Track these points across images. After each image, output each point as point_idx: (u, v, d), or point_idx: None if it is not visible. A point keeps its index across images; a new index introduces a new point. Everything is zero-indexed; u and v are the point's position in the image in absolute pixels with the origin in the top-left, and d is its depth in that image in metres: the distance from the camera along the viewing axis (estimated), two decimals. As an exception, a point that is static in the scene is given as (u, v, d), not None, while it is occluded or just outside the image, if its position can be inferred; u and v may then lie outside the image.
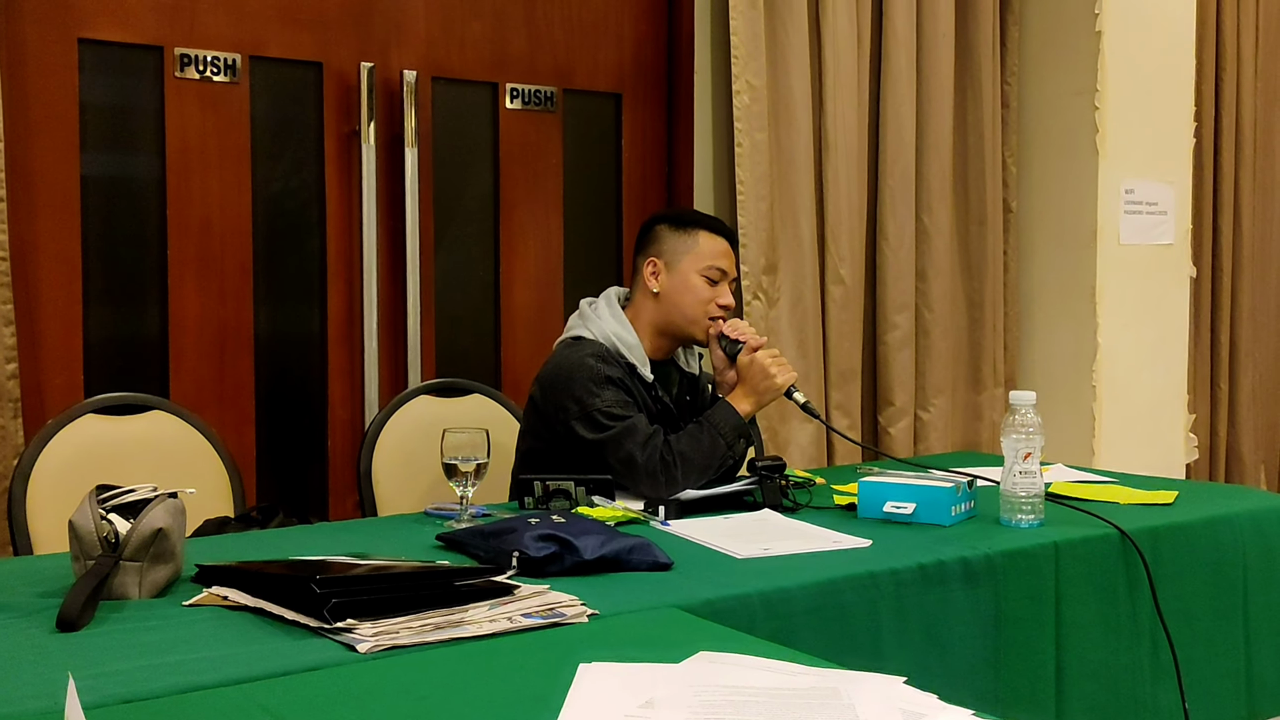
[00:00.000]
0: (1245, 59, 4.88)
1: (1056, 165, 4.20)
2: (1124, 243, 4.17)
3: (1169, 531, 2.22)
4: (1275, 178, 5.06)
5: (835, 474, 2.73)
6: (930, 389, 4.01)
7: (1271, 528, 2.39)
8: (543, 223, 3.53)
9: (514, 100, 3.48)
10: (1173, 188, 4.29)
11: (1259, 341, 5.04)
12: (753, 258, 3.59)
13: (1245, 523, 2.35)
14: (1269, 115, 5.01)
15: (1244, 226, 4.93)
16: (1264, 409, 5.10)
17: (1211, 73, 4.79)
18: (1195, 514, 2.32)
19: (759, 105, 3.58)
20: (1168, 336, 4.33)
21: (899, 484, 2.20)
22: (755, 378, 2.49)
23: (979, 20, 4.04)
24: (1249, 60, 4.90)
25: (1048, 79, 4.21)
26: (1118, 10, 4.06)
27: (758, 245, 3.60)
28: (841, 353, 3.81)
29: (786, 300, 3.67)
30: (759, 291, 3.61)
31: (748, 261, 3.58)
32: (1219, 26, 4.80)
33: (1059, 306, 4.21)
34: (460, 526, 2.09)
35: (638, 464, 2.38)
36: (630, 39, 3.65)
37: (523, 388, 3.12)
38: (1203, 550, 2.27)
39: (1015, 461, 2.14)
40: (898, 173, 3.90)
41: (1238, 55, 4.85)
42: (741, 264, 3.57)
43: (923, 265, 4.00)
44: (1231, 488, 4.27)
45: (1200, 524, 2.29)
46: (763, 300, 3.62)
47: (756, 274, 3.60)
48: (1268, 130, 5.01)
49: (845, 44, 3.73)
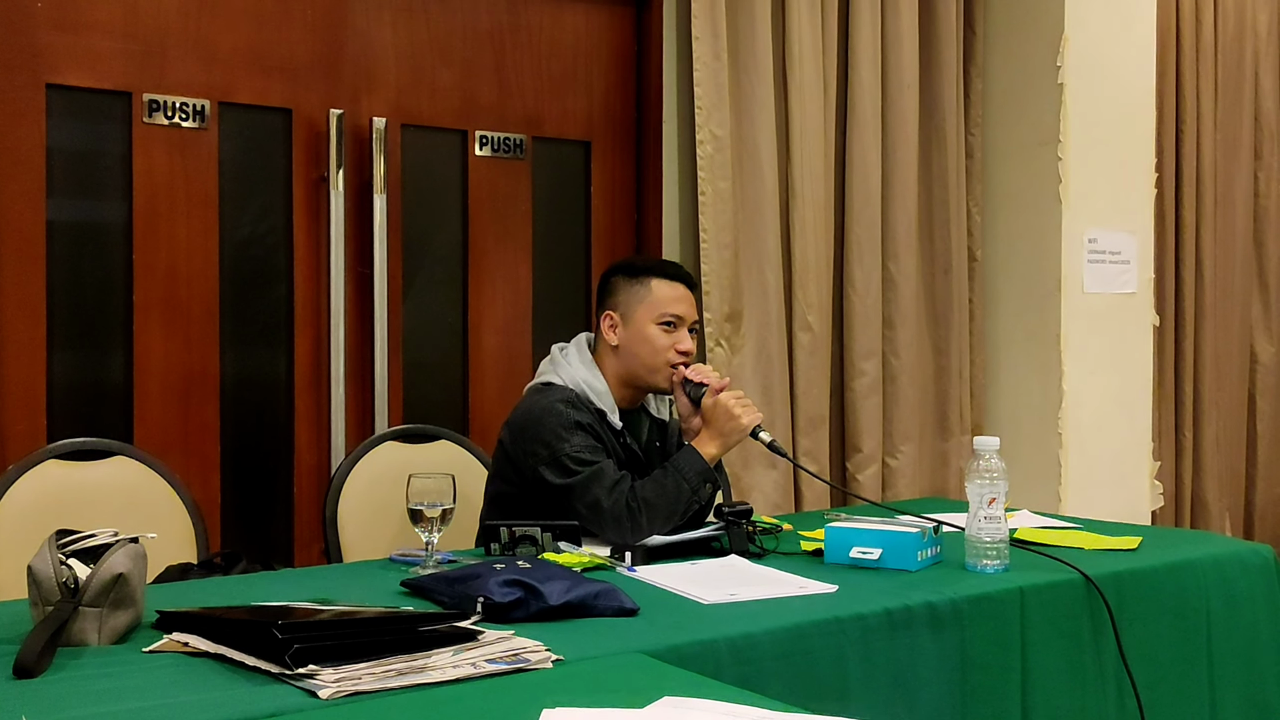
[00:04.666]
0: (1205, 111, 4.97)
1: (1020, 214, 4.25)
2: (1088, 291, 4.21)
3: (1133, 577, 2.23)
4: (1235, 228, 5.13)
5: (802, 520, 2.73)
6: (898, 436, 4.03)
7: (1234, 573, 2.40)
8: (511, 269, 3.54)
9: (483, 147, 3.49)
10: (1135, 237, 4.35)
11: (1222, 390, 5.09)
12: (715, 305, 3.61)
13: (1209, 568, 2.36)
14: (1228, 167, 5.10)
15: (1205, 276, 4.99)
16: (1227, 457, 5.14)
17: (1172, 124, 4.87)
18: (1159, 559, 2.33)
19: (722, 155, 3.61)
20: (1132, 384, 4.37)
21: (865, 529, 2.21)
22: (720, 420, 2.49)
23: (943, 71, 4.10)
24: (1208, 112, 4.98)
25: (1011, 130, 4.27)
26: (1079, 63, 4.13)
27: (720, 292, 3.62)
28: (810, 399, 3.82)
29: (751, 348, 3.69)
30: (721, 339, 3.63)
31: (710, 309, 3.60)
32: (1179, 79, 4.89)
33: (1024, 354, 4.25)
34: (425, 572, 2.07)
35: (604, 509, 2.38)
36: (599, 88, 3.68)
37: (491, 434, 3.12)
38: (1167, 596, 2.28)
39: (980, 507, 2.15)
40: (864, 221, 3.94)
41: (1197, 107, 4.94)
42: (706, 311, 3.59)
43: (889, 313, 4.03)
44: (1195, 533, 4.30)
45: (1164, 569, 2.30)
46: (725, 347, 3.64)
47: (719, 321, 3.62)
48: (1227, 181, 5.10)
49: (811, 94, 3.77)
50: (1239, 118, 5.13)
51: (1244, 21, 5.13)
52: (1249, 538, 5.25)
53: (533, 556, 2.13)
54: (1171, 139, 4.87)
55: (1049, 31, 4.14)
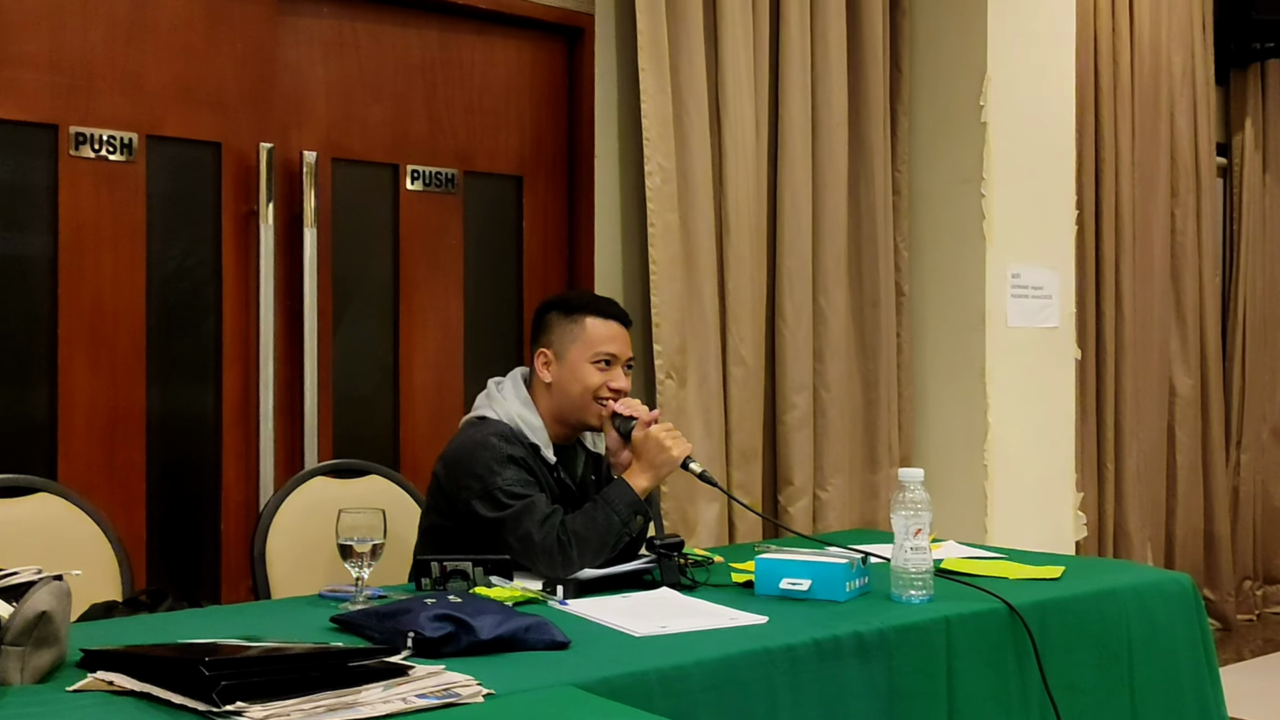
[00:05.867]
0: (1123, 150, 5.11)
1: (946, 250, 4.33)
2: (1011, 325, 4.29)
3: (1056, 606, 2.28)
4: (1153, 264, 5.27)
5: (734, 552, 2.75)
6: (828, 468, 4.07)
7: (1154, 601, 2.46)
8: (443, 303, 3.54)
9: (415, 181, 3.50)
10: (1056, 273, 4.44)
11: (1142, 422, 5.21)
12: (666, 337, 3.64)
13: (1129, 596, 2.41)
14: (1146, 204, 5.24)
15: (1125, 310, 5.12)
16: (1148, 487, 5.26)
17: (1091, 163, 5.00)
18: (1081, 588, 2.38)
19: (670, 187, 3.65)
20: (1055, 416, 4.45)
21: (795, 561, 2.23)
22: (651, 452, 2.50)
23: (871, 109, 4.18)
24: (1126, 151, 5.12)
25: (937, 167, 4.35)
26: (1001, 103, 4.23)
27: (671, 325, 3.64)
28: (743, 432, 3.85)
29: (694, 380, 3.72)
30: (672, 371, 3.65)
31: (662, 341, 3.63)
32: (1098, 119, 5.02)
33: (951, 387, 4.31)
34: (355, 608, 2.06)
35: (535, 543, 2.38)
36: (531, 123, 3.70)
37: (422, 468, 3.11)
38: (1089, 624, 2.33)
39: (906, 538, 2.18)
40: (795, 255, 3.99)
41: (1116, 146, 5.07)
42: (656, 344, 3.62)
43: (820, 346, 4.08)
44: (1116, 562, 4.38)
45: (1086, 598, 2.35)
46: (675, 380, 3.66)
47: (670, 353, 3.64)
48: (1145, 219, 5.24)
49: (744, 130, 3.82)
50: (1156, 157, 5.28)
51: (1159, 63, 5.29)
52: (1169, 567, 5.36)
53: (464, 591, 2.13)
54: (1091, 177, 5.00)
55: (972, 72, 4.23)
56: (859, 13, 4.15)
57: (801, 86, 3.99)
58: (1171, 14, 5.35)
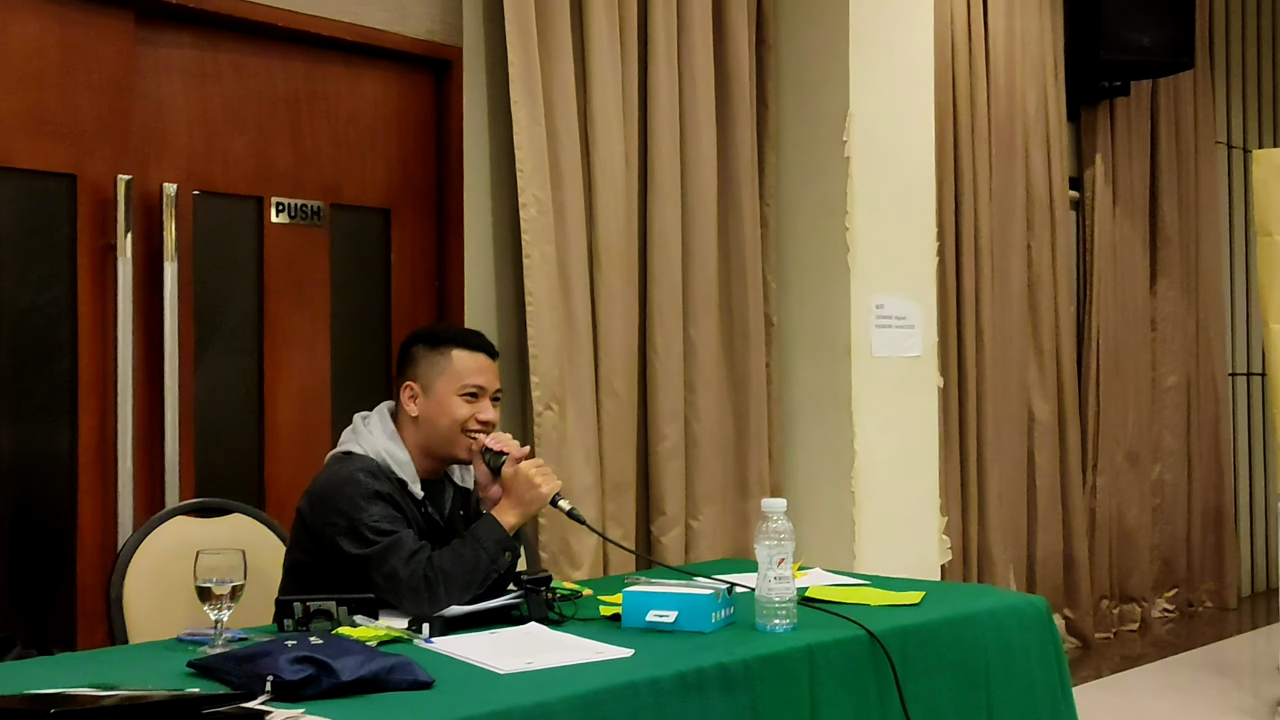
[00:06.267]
0: (981, 184, 5.28)
1: (812, 281, 4.41)
2: (876, 355, 4.39)
3: (915, 631, 2.33)
4: (1011, 294, 5.45)
5: (603, 584, 2.76)
6: (700, 498, 4.11)
7: (1011, 625, 2.53)
8: (309, 338, 3.49)
9: (280, 214, 3.45)
10: (919, 303, 4.56)
11: (1002, 447, 5.37)
12: (546, 368, 3.64)
13: (986, 620, 2.48)
14: (1003, 235, 5.42)
15: (985, 339, 5.28)
16: (1010, 511, 5.41)
17: (951, 197, 5.15)
18: (940, 613, 2.44)
19: (545, 219, 3.67)
20: (919, 443, 4.56)
21: (661, 593, 2.25)
22: (520, 489, 2.50)
23: (738, 143, 4.25)
24: (984, 185, 5.30)
25: (803, 201, 4.44)
26: (864, 139, 4.33)
27: (551, 356, 3.65)
28: (616, 464, 3.87)
29: (573, 411, 3.73)
30: (553, 402, 3.65)
31: (541, 372, 3.63)
32: (956, 154, 5.19)
33: (818, 416, 4.39)
34: (214, 652, 2.01)
35: (401, 580, 2.36)
36: (398, 155, 3.68)
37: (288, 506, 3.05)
38: (947, 648, 2.39)
39: (769, 567, 2.22)
40: (665, 287, 4.03)
41: (974, 181, 5.24)
42: (534, 375, 3.62)
43: (691, 377, 4.12)
44: (975, 587, 4.49)
45: (944, 623, 2.40)
46: (555, 411, 3.66)
47: (550, 385, 3.65)
48: (1003, 250, 5.41)
49: (614, 162, 3.86)
50: (1012, 191, 5.46)
51: (1014, 102, 5.49)
52: (1031, 588, 5.53)
53: (326, 631, 2.10)
54: (951, 210, 5.16)
55: (835, 108, 4.33)
56: (726, 49, 4.23)
57: (670, 120, 4.04)
58: (1025, 55, 5.55)
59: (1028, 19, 5.59)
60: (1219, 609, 6.69)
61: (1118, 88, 5.98)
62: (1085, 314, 5.98)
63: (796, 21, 4.43)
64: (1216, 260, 6.73)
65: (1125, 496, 6.11)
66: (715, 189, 4.19)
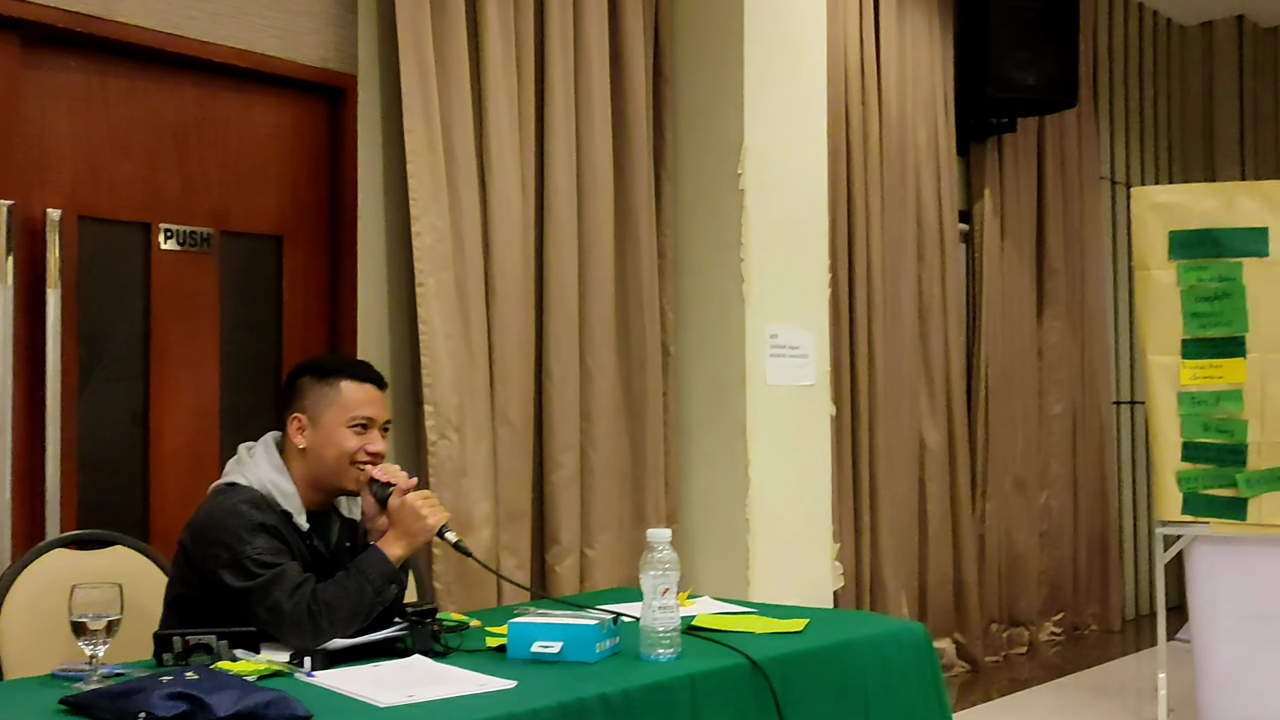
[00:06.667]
0: (873, 216, 5.40)
1: (709, 311, 4.47)
2: (771, 384, 4.45)
3: (797, 658, 2.37)
4: (902, 323, 5.56)
5: (492, 615, 2.76)
6: (595, 526, 4.12)
7: (891, 651, 2.58)
8: (197, 366, 3.45)
9: (168, 240, 3.41)
10: (812, 333, 4.64)
11: (894, 474, 5.47)
12: (441, 397, 3.63)
13: (866, 647, 2.53)
14: (895, 267, 5.53)
15: (877, 368, 5.38)
16: (902, 538, 5.51)
17: (844, 228, 5.26)
18: (822, 640, 2.48)
19: (443, 246, 3.66)
20: (813, 471, 4.62)
21: (546, 624, 2.26)
22: (407, 520, 2.50)
23: (636, 174, 4.29)
24: (876, 217, 5.41)
25: (699, 232, 4.49)
26: (758, 171, 4.41)
27: (448, 383, 3.64)
28: (510, 493, 3.87)
29: (469, 440, 3.72)
30: (448, 431, 3.64)
31: (435, 401, 3.62)
32: (849, 187, 5.30)
33: (714, 444, 4.44)
34: (88, 688, 1.98)
35: (284, 613, 2.34)
36: (291, 182, 3.66)
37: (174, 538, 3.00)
38: (829, 675, 2.43)
39: (654, 597, 2.24)
40: (562, 316, 4.05)
41: (866, 213, 5.36)
42: (428, 404, 3.61)
43: (587, 406, 4.14)
44: (858, 614, 4.57)
45: (826, 650, 2.45)
46: (450, 440, 3.65)
47: (446, 413, 3.63)
48: (895, 281, 5.53)
49: (510, 190, 3.87)
50: (903, 223, 5.59)
51: (906, 136, 5.62)
52: (923, 612, 5.62)
53: (204, 666, 2.07)
54: (844, 242, 5.26)
55: (730, 141, 4.40)
56: (623, 81, 4.28)
57: (567, 150, 4.07)
58: (916, 90, 5.69)
59: (918, 56, 5.73)
60: (1104, 632, 6.87)
61: (1005, 124, 6.16)
62: (974, 343, 6.13)
63: (693, 55, 4.50)
64: (1100, 292, 6.95)
65: (1013, 522, 6.25)
66: (612, 219, 4.23)
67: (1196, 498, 4.46)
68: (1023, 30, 5.86)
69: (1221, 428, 4.41)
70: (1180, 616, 4.49)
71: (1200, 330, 4.42)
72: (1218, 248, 4.41)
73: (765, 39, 4.44)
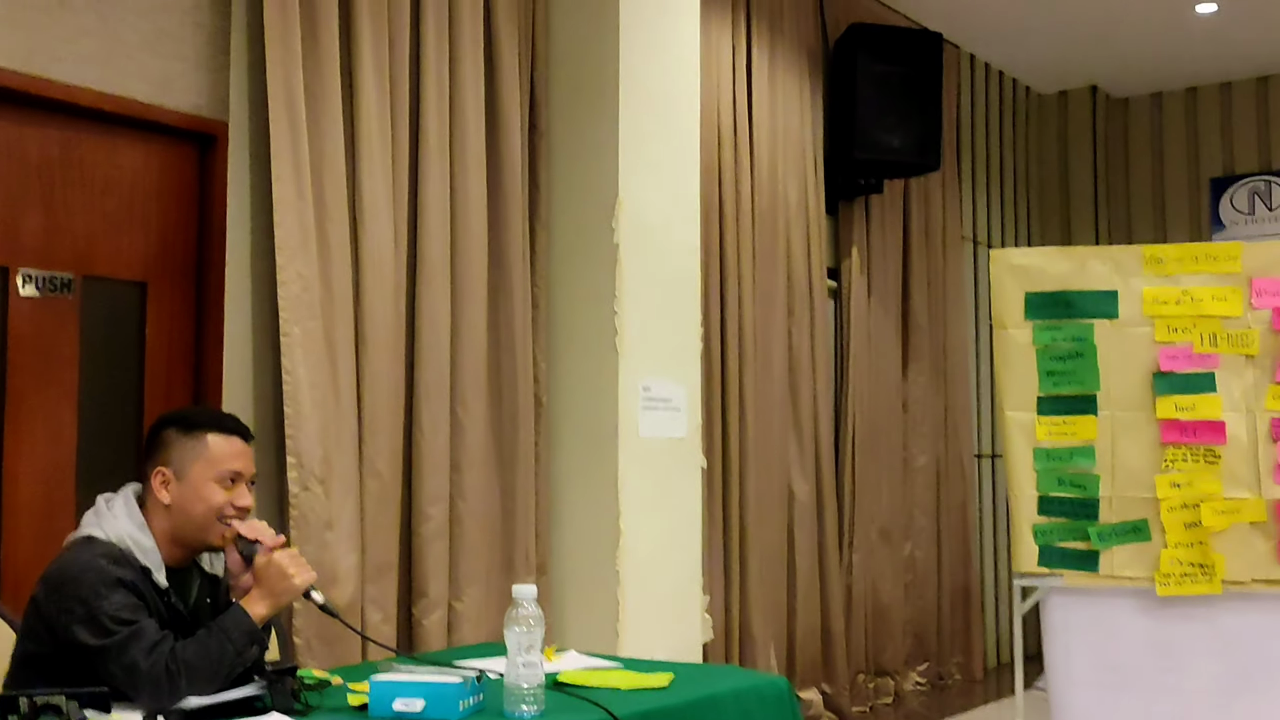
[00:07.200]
0: (745, 272, 5.50)
1: (582, 363, 4.50)
2: (643, 436, 4.49)
3: (660, 714, 2.38)
4: (773, 377, 5.66)
5: (354, 672, 2.72)
6: (464, 579, 4.10)
7: (753, 705, 2.61)
8: (55, 415, 3.35)
9: (26, 285, 3.32)
10: (684, 386, 4.69)
11: (764, 526, 5.54)
12: (305, 448, 3.58)
13: (730, 702, 2.56)
14: (766, 320, 5.64)
15: (748, 420, 5.46)
16: (770, 590, 5.57)
17: (717, 283, 5.35)
18: (685, 695, 2.50)
19: (310, 295, 3.63)
20: (683, 523, 4.66)
21: (409, 681, 2.24)
22: (272, 579, 2.45)
23: (509, 225, 4.31)
24: (748, 273, 5.52)
25: (573, 284, 4.53)
26: (632, 225, 4.46)
27: (313, 434, 3.60)
28: (378, 546, 3.83)
29: (336, 492, 3.67)
30: (314, 483, 3.59)
31: (299, 453, 3.56)
32: (722, 243, 5.40)
33: (586, 496, 4.45)
34: (-74, 754, 1.91)
35: (141, 672, 2.28)
36: (158, 228, 3.60)
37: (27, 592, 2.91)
38: (693, 730, 2.46)
39: (519, 653, 2.24)
40: (433, 367, 4.04)
41: (738, 268, 5.46)
42: (293, 455, 3.56)
43: (458, 457, 4.13)
44: (723, 668, 4.61)
45: (689, 705, 2.47)
46: (316, 492, 3.60)
47: (310, 465, 3.58)
48: (766, 335, 5.63)
49: (382, 240, 3.87)
50: (774, 278, 5.71)
51: (777, 195, 5.76)
52: (791, 664, 5.69)
53: (51, 729, 2.01)
54: (717, 296, 5.35)
55: (605, 194, 4.45)
56: (498, 132, 4.31)
57: (441, 200, 4.08)
58: (787, 150, 5.84)
59: (790, 118, 5.89)
60: (967, 681, 7.02)
61: (873, 184, 6.35)
62: (842, 397, 6.26)
63: (568, 109, 4.55)
64: (963, 348, 7.17)
65: (879, 573, 6.37)
66: (486, 269, 4.24)
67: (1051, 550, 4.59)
68: (889, 95, 6.06)
69: (1075, 482, 4.56)
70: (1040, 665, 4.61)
71: (1054, 388, 4.58)
72: (1071, 309, 4.57)
73: (640, 95, 4.52)
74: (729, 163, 5.48)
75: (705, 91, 5.15)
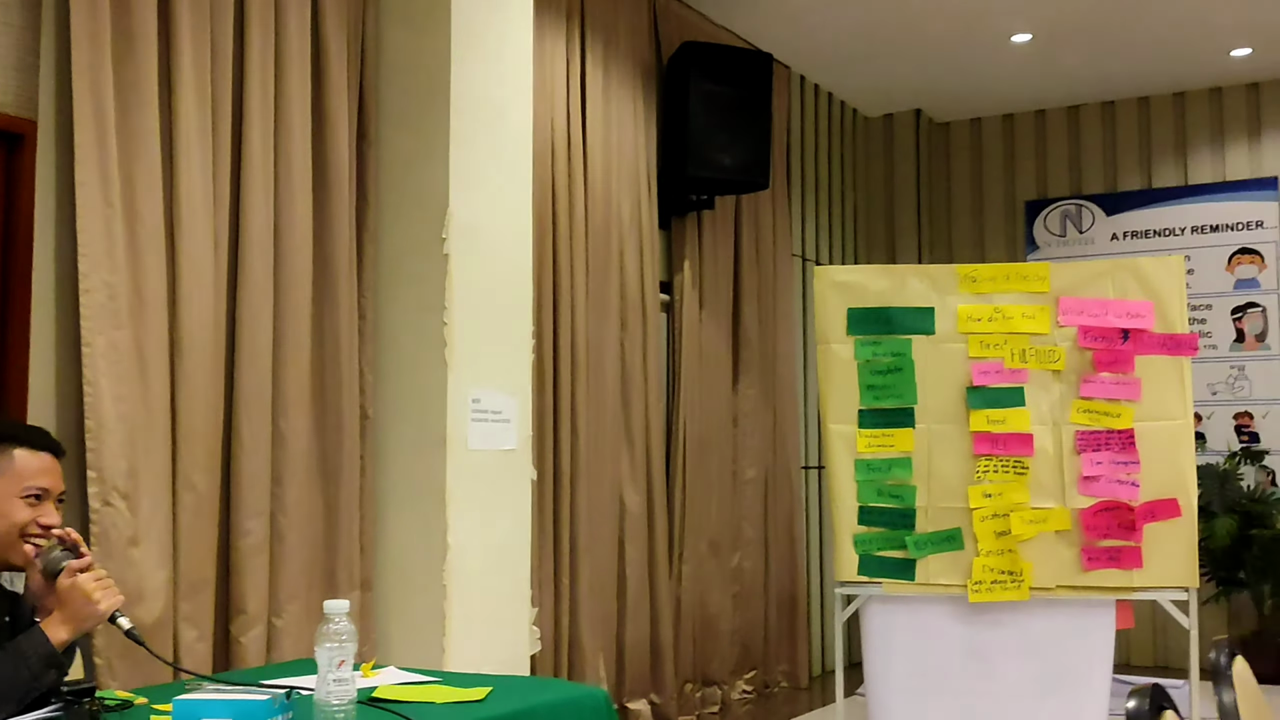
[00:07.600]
0: (578, 285, 5.52)
1: (410, 375, 4.45)
2: (472, 448, 4.46)
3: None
4: (605, 389, 5.70)
5: (160, 692, 2.64)
6: (284, 595, 4.00)
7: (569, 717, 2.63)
8: None
9: None
10: (515, 398, 4.68)
11: (595, 538, 5.56)
12: (109, 461, 3.45)
13: (546, 714, 2.57)
14: (599, 333, 5.67)
15: (580, 432, 5.48)
16: (600, 601, 5.60)
17: (550, 296, 5.36)
18: (502, 709, 2.50)
19: (117, 303, 3.51)
20: (512, 535, 4.64)
21: (214, 700, 2.18)
22: (76, 603, 2.35)
23: (336, 234, 4.24)
24: (581, 286, 5.54)
25: (401, 295, 4.48)
26: (463, 236, 4.43)
27: (116, 448, 3.47)
28: (193, 561, 3.72)
29: (144, 506, 3.55)
30: (116, 497, 3.46)
31: (103, 467, 3.44)
32: (555, 256, 5.41)
33: (412, 509, 4.40)
34: None
35: (-73, 696, 2.17)
36: (-42, 232, 3.44)
37: None
38: (510, 743, 2.45)
39: (330, 670, 2.21)
40: (253, 378, 3.94)
41: (571, 281, 5.48)
42: (94, 470, 3.42)
43: (279, 470, 4.03)
44: (541, 680, 4.61)
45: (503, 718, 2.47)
46: (119, 507, 3.47)
47: (114, 479, 3.46)
48: (599, 348, 5.66)
49: (201, 247, 3.76)
50: (607, 292, 5.75)
51: (610, 209, 5.80)
52: (620, 675, 5.72)
53: None
54: (550, 309, 5.36)
55: (435, 205, 4.41)
56: (325, 140, 4.24)
57: (264, 207, 3.99)
58: (621, 166, 5.89)
59: (624, 134, 5.94)
60: (793, 688, 7.17)
61: (704, 201, 6.45)
62: (674, 409, 6.33)
63: (398, 119, 4.51)
64: (791, 362, 7.34)
65: (708, 584, 6.46)
66: (310, 279, 4.16)
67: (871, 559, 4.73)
68: (720, 114, 6.17)
69: (893, 493, 4.71)
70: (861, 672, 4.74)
71: (874, 401, 4.72)
72: (890, 325, 4.73)
73: (472, 106, 4.50)
74: (563, 176, 5.50)
75: (539, 106, 5.16)
